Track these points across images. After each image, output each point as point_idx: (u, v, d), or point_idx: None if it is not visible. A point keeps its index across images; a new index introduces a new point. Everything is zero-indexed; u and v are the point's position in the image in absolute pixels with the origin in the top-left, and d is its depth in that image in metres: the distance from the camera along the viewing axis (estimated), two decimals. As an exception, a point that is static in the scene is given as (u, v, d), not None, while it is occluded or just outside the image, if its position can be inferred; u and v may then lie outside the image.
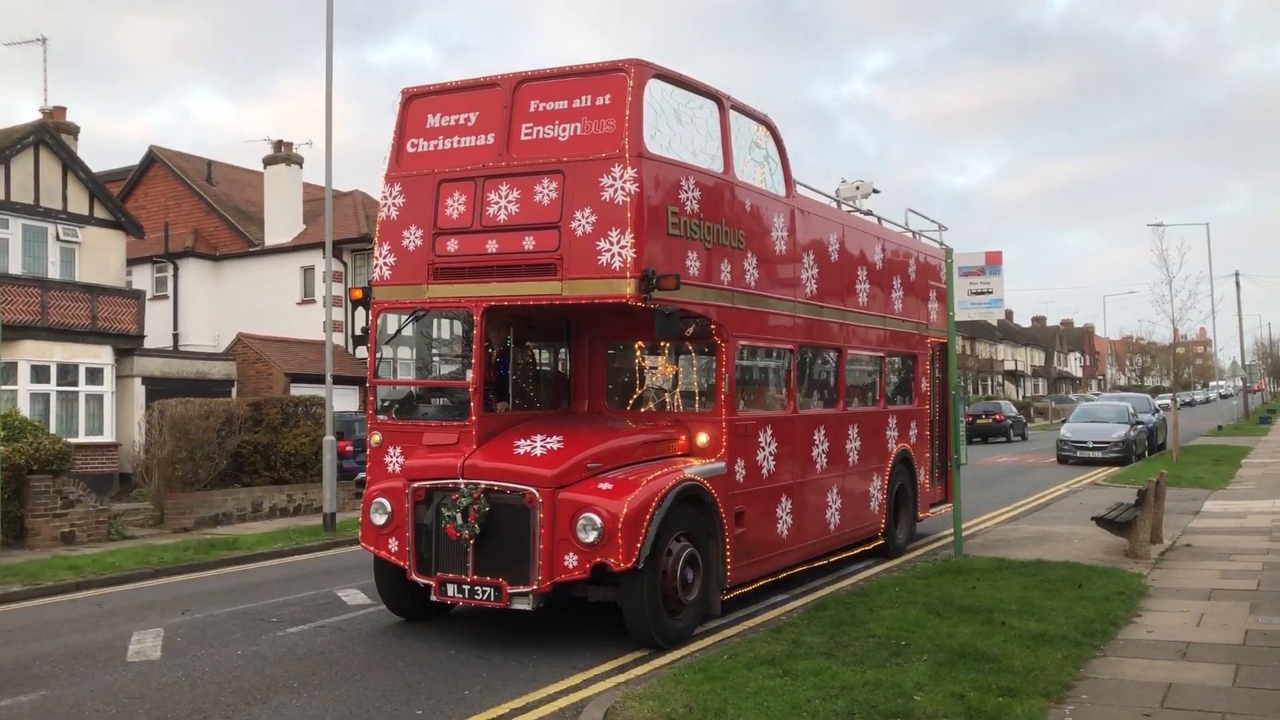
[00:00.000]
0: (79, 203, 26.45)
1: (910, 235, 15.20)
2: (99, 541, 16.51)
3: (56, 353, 24.76)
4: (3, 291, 23.48)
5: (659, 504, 8.75)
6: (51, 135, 26.05)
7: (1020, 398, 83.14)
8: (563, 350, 11.02)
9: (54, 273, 25.65)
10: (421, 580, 9.19)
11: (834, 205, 12.83)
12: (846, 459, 12.44)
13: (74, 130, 28.46)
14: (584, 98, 9.19)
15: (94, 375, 25.58)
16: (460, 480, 8.97)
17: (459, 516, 8.86)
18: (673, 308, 8.82)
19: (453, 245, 9.53)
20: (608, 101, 9.07)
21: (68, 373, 24.98)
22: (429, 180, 9.68)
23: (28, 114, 41.85)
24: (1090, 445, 30.80)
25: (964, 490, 14.42)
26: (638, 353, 10.68)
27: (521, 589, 8.72)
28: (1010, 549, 13.80)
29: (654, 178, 9.03)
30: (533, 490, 8.74)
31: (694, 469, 9.46)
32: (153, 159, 37.20)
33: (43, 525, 16.22)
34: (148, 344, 28.02)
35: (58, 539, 16.21)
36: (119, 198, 29.92)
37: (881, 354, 13.69)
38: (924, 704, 6.74)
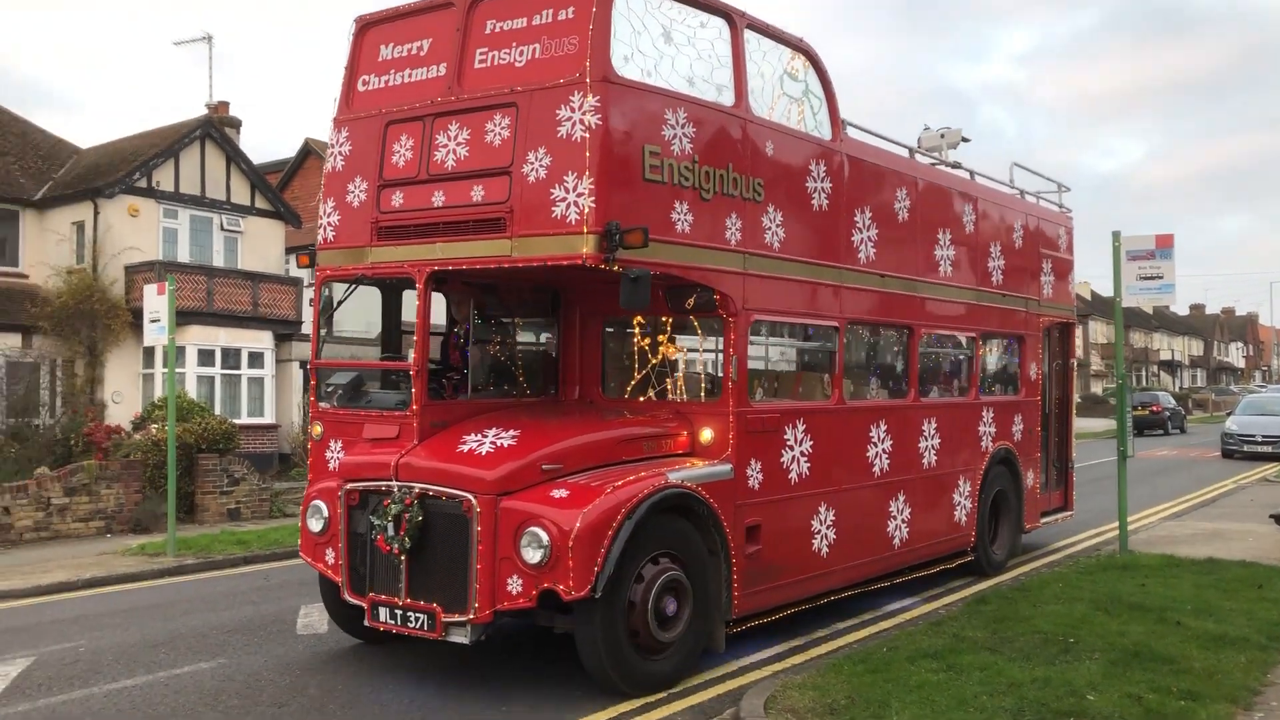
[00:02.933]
0: (241, 194, 27.45)
1: (1017, 195, 12.81)
2: (261, 518, 17.53)
3: (221, 337, 25.48)
4: (174, 279, 23.60)
5: (626, 516, 6.97)
6: (216, 129, 27.18)
7: (1177, 389, 78.23)
8: (550, 328, 9.33)
9: (218, 261, 26.69)
10: (354, 600, 7.67)
11: (907, 155, 10.67)
12: (919, 459, 10.33)
13: (236, 124, 29.24)
14: (545, 12, 7.41)
15: (255, 359, 26.33)
16: (393, 482, 7.41)
17: (390, 526, 7.29)
18: (640, 271, 6.97)
19: (398, 199, 7.92)
20: (571, 15, 7.27)
21: (231, 356, 25.79)
22: (376, 123, 8.11)
23: (194, 110, 43.52)
24: (1259, 439, 28.77)
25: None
26: (636, 330, 8.86)
27: (457, 617, 7.09)
28: (1178, 546, 13.04)
29: (625, 108, 7.21)
30: (469, 497, 7.09)
31: (684, 472, 7.61)
32: (308, 151, 37.18)
33: (210, 501, 17.30)
34: (304, 329, 28.04)
35: (223, 515, 17.29)
36: (277, 188, 30.36)
37: (972, 334, 11.45)
38: (1098, 704, 6.53)
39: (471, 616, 7.01)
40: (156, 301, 13.45)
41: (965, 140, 12.29)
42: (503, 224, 7.30)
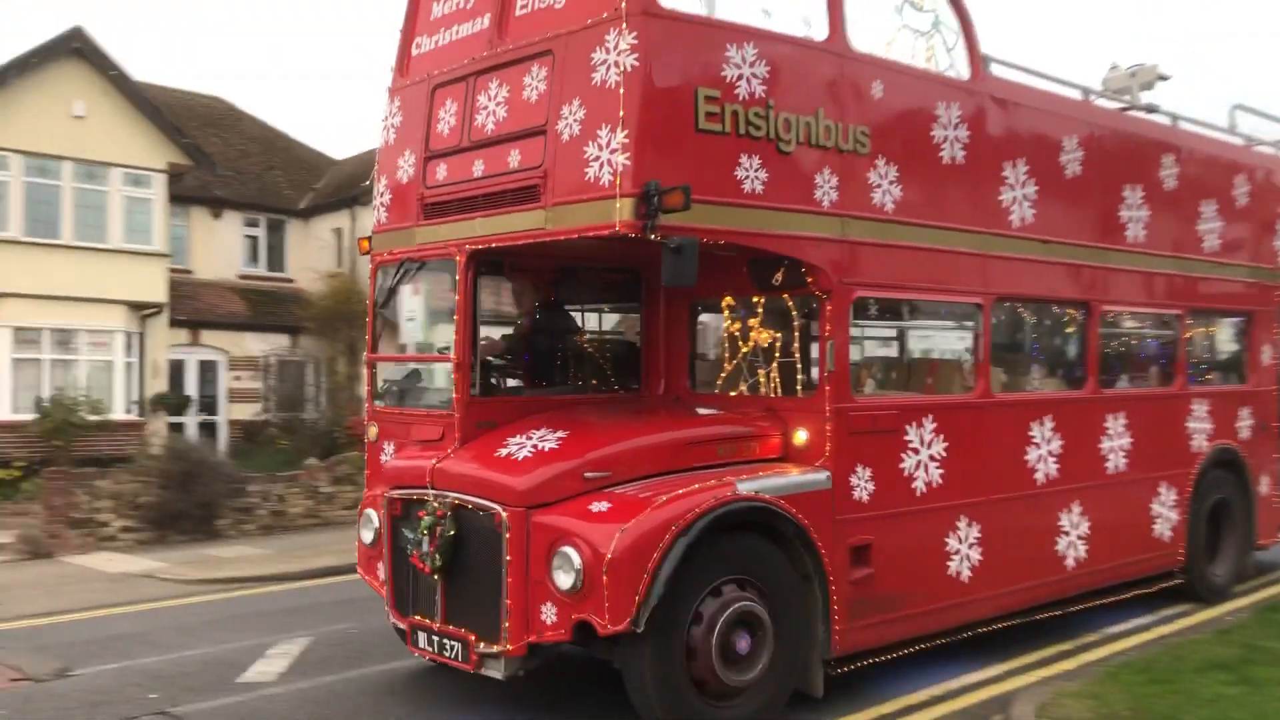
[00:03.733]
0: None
1: (1239, 143, 10.60)
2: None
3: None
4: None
5: (679, 534, 5.79)
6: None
7: None
8: (631, 314, 8.20)
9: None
10: (398, 622, 6.85)
11: (1080, 97, 8.88)
12: (1101, 463, 8.54)
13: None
14: (586, -59, 6.34)
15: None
16: (430, 490, 6.53)
17: (424, 540, 6.42)
18: (685, 239, 5.77)
19: (442, 172, 7.04)
20: (612, -59, 6.17)
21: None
22: (424, 88, 7.26)
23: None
24: None
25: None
26: (726, 314, 7.59)
27: (491, 648, 6.13)
28: None
29: (672, 46, 6.03)
30: (499, 509, 6.11)
31: (760, 482, 6.33)
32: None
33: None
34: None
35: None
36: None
37: (1175, 311, 9.47)
38: None
39: (505, 648, 6.03)
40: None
41: (1163, 79, 10.19)
42: (537, 192, 6.28)
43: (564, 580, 5.82)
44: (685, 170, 5.95)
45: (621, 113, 5.84)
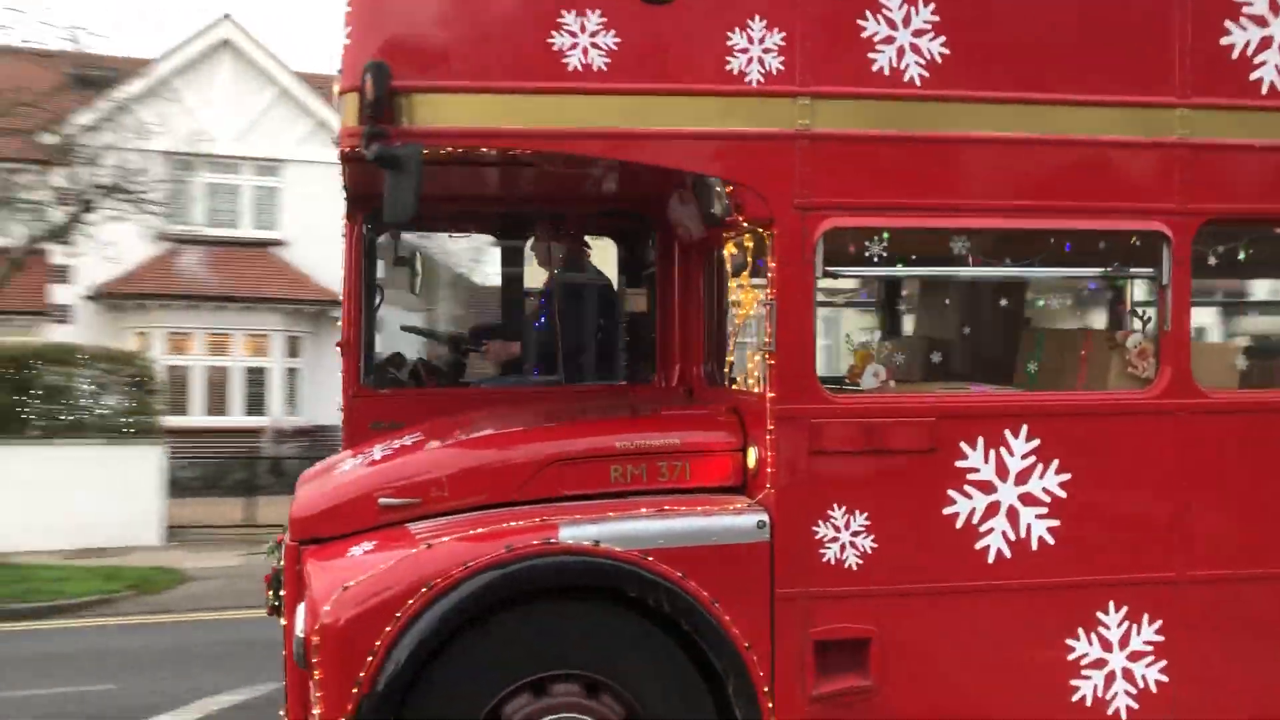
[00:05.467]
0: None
1: None
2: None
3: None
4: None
5: (436, 597, 3.79)
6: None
7: None
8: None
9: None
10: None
11: None
12: None
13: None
14: None
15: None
16: (291, 515, 5.11)
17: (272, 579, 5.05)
18: (403, 149, 3.74)
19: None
20: None
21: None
22: None
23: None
24: None
25: None
26: (731, 275, 5.01)
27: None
28: None
29: None
30: (287, 540, 4.52)
31: (620, 526, 3.98)
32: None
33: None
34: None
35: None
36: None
37: None
38: None
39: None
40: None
41: None
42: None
43: (297, 648, 4.10)
44: (462, 44, 3.91)
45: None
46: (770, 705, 3.98)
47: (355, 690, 3.76)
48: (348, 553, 4.12)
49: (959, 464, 4.13)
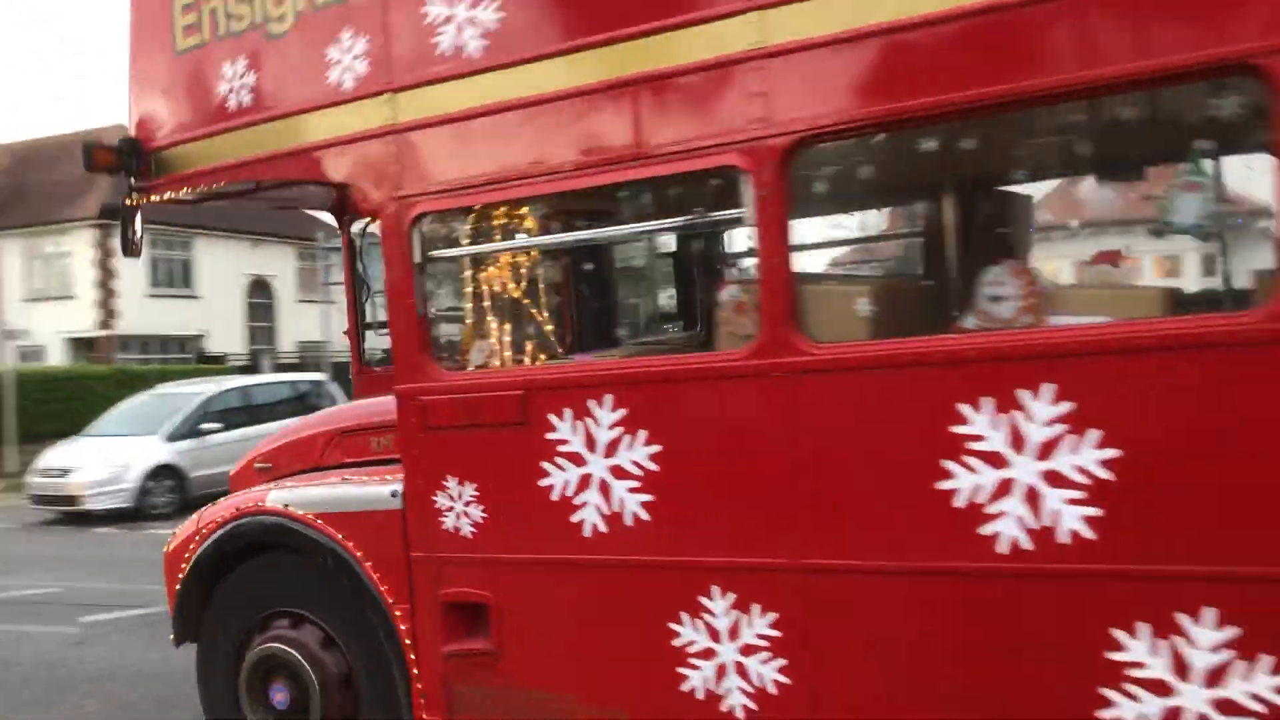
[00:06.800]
0: None
1: None
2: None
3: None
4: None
5: (201, 546, 4.99)
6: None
7: None
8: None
9: None
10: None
11: None
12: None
13: None
14: None
15: None
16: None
17: None
18: (112, 203, 4.81)
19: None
20: None
21: None
22: None
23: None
24: None
25: None
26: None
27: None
28: None
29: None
30: None
31: (309, 491, 4.79)
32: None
33: None
34: None
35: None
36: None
37: None
38: None
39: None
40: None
41: None
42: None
43: None
44: (177, 107, 4.91)
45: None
46: (414, 657, 4.41)
47: (170, 610, 5.09)
48: (219, 502, 5.40)
49: (549, 436, 4.04)
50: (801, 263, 3.73)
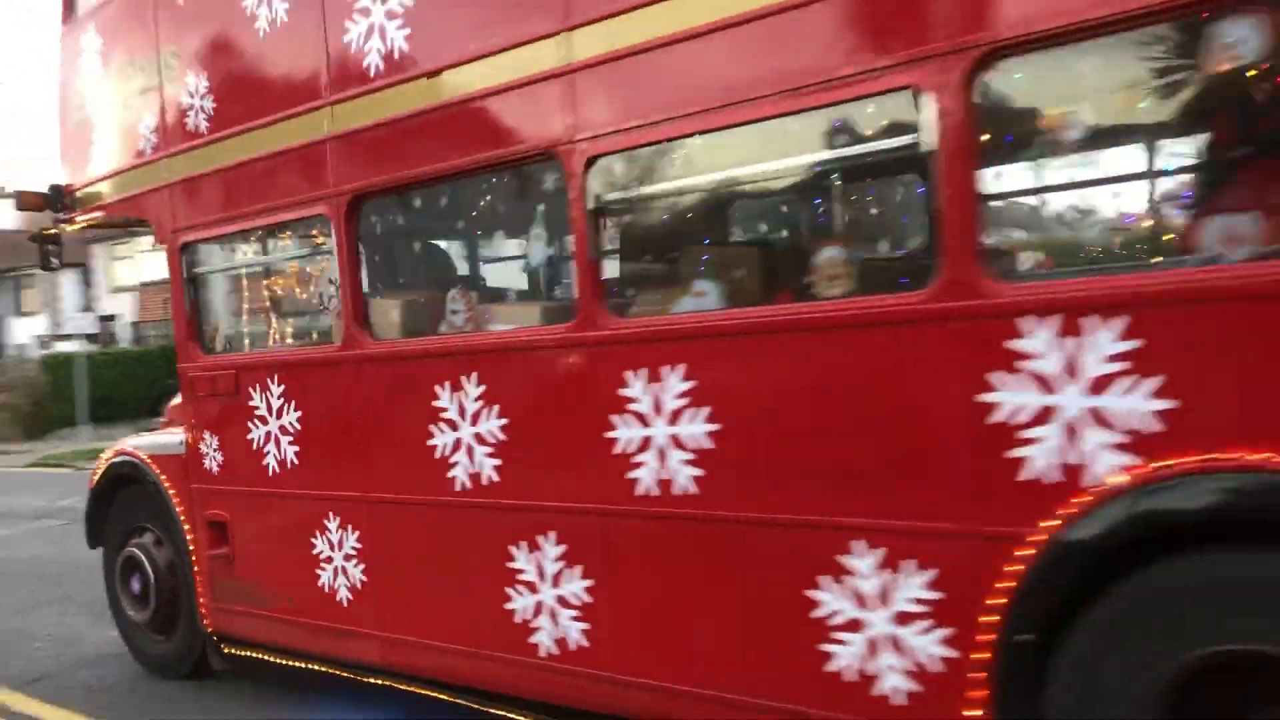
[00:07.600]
0: None
1: None
2: None
3: None
4: None
5: (101, 476, 6.97)
6: None
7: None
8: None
9: None
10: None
11: None
12: (625, 469, 4.12)
13: None
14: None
15: None
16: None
17: None
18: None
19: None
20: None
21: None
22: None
23: None
24: None
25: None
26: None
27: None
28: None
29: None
30: None
31: (154, 439, 6.77)
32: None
33: None
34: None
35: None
36: None
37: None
38: None
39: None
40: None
41: None
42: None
43: None
44: (94, 151, 6.75)
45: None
46: (192, 556, 6.18)
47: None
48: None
49: (249, 403, 5.70)
50: (366, 282, 5.18)
